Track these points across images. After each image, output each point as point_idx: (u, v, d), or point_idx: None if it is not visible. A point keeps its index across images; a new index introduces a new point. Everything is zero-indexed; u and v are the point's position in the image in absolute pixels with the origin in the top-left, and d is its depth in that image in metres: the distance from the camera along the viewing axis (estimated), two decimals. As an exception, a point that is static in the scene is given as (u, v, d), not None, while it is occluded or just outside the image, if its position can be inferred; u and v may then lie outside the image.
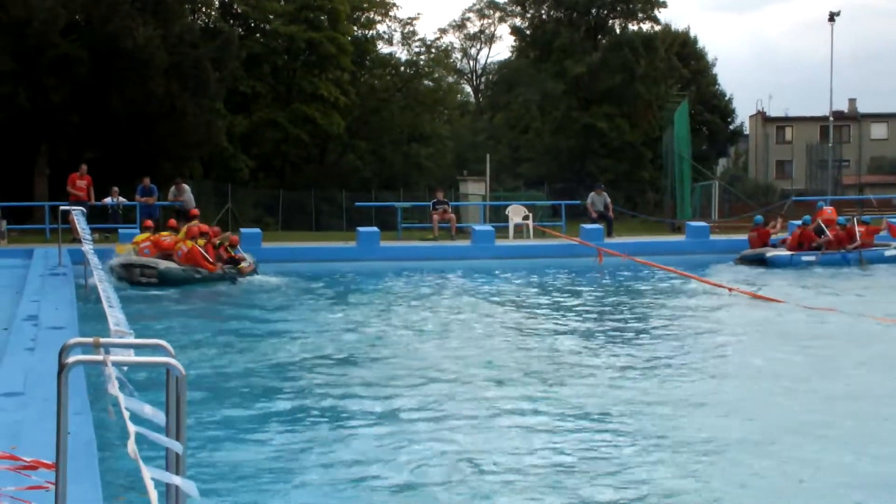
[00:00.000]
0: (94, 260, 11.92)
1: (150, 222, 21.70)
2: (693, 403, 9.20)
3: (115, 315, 6.79)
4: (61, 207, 20.04)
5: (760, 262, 23.50)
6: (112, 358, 3.44)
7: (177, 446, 3.10)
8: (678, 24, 62.35)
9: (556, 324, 14.63)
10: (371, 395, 9.47)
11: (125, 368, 3.59)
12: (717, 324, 14.99)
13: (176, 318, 15.04)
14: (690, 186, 36.08)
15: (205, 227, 20.74)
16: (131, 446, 2.80)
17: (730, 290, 17.83)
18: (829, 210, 27.02)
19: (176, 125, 32.25)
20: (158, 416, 3.04)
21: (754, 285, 18.86)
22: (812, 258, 23.69)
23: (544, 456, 7.45)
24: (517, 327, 14.35)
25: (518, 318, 15.25)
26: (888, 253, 24.42)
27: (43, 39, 28.58)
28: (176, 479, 2.91)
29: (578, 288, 19.78)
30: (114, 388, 3.36)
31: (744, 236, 25.35)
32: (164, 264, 18.77)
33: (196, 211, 22.06)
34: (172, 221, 21.67)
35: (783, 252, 23.85)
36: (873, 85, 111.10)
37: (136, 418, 3.00)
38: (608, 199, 29.13)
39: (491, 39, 67.22)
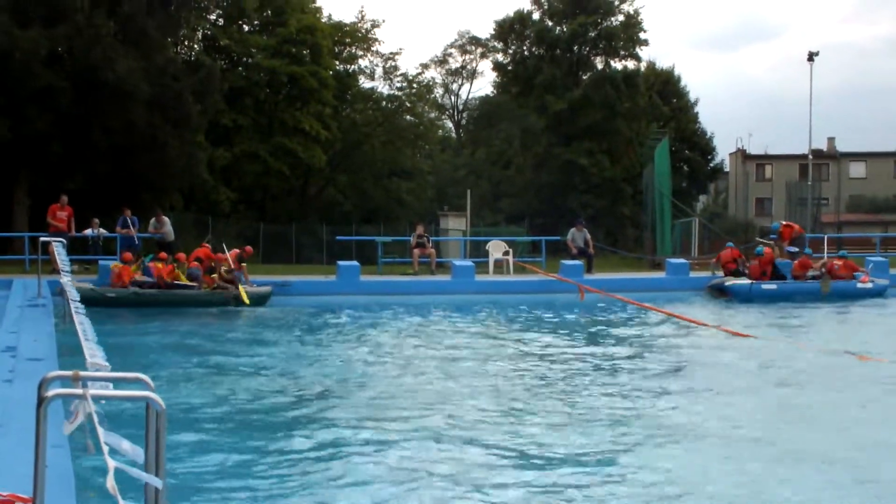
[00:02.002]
0: (72, 293, 11.83)
1: (129, 255, 21.72)
2: (671, 441, 9.22)
3: (90, 347, 6.74)
4: (41, 238, 19.99)
5: (722, 291, 24.16)
6: (91, 392, 3.43)
7: (156, 481, 3.09)
8: (662, 62, 62.95)
9: (536, 360, 14.61)
10: (350, 426, 9.43)
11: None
12: (696, 361, 15.01)
13: (155, 351, 14.95)
14: (671, 223, 36.16)
15: (200, 252, 21.63)
16: (110, 482, 2.79)
17: (717, 328, 17.93)
18: (796, 226, 27.78)
19: (157, 157, 32.13)
20: (136, 452, 3.02)
21: (738, 323, 18.96)
22: (773, 287, 24.12)
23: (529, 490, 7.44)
24: (497, 363, 14.31)
25: (498, 354, 15.22)
26: (859, 286, 24.72)
27: (25, 70, 28.54)
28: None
29: (558, 324, 19.79)
30: (72, 421, 3.33)
31: (721, 273, 25.57)
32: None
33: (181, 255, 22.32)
34: (163, 254, 21.83)
35: (743, 281, 24.26)
36: (852, 124, 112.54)
37: (116, 452, 2.98)
38: (588, 235, 29.22)
39: (472, 75, 67.77)
